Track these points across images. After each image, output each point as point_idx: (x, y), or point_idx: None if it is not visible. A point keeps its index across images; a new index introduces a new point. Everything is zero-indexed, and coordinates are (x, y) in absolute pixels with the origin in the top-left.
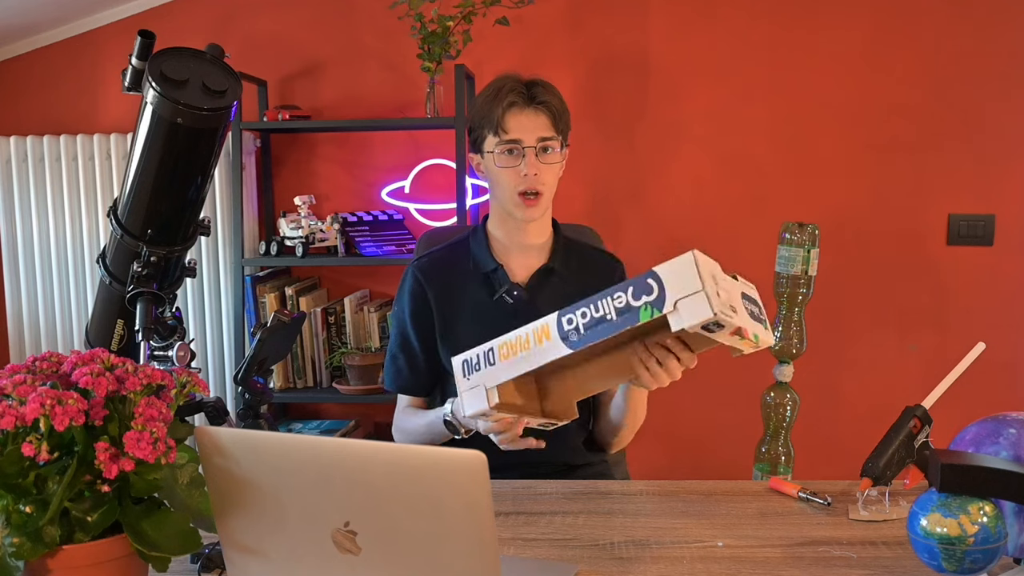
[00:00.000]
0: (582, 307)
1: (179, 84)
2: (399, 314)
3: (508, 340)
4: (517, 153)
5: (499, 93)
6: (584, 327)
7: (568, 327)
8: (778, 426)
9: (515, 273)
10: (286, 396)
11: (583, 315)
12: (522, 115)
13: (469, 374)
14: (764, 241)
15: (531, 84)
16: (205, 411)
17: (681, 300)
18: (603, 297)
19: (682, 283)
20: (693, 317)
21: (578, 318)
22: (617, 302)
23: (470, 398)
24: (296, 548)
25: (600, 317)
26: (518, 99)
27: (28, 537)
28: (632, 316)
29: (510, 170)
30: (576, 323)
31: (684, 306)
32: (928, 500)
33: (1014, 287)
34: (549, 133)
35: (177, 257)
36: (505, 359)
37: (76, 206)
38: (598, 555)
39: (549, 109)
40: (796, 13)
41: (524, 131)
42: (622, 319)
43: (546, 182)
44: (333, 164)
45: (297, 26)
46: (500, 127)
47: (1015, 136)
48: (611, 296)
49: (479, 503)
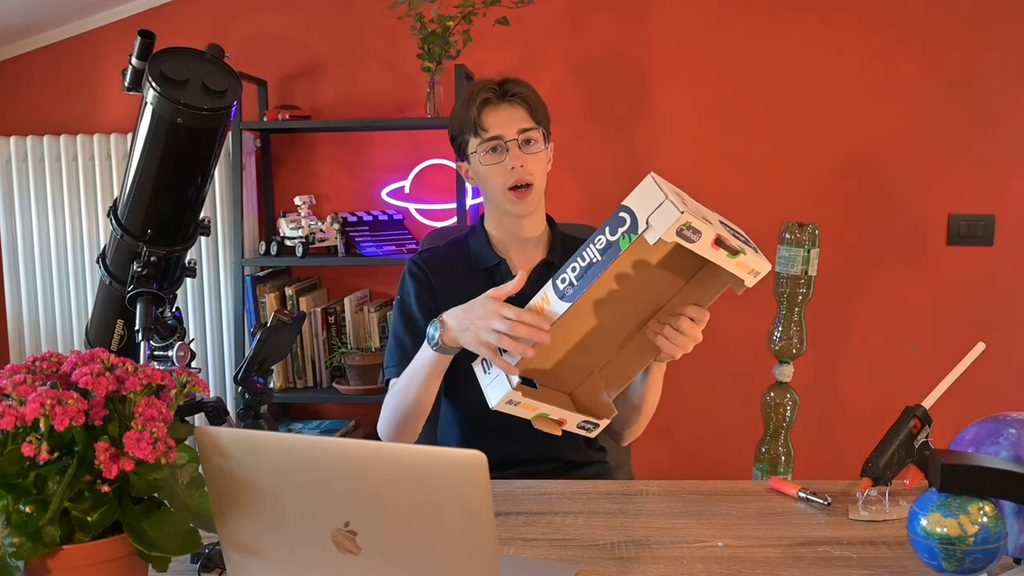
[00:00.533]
0: (571, 263)
1: (179, 84)
2: (403, 300)
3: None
4: (500, 149)
5: (471, 96)
6: (576, 279)
7: (563, 286)
8: (778, 426)
9: (516, 268)
10: (286, 396)
11: (573, 269)
12: (498, 110)
13: (488, 369)
14: (764, 241)
15: (502, 81)
16: (205, 411)
17: (651, 216)
18: (586, 246)
19: (648, 202)
20: (664, 224)
21: (569, 274)
22: (598, 244)
23: (493, 389)
24: (296, 548)
25: (587, 264)
26: (491, 95)
27: (28, 537)
28: (614, 250)
29: (497, 166)
30: (568, 279)
31: (654, 219)
32: (928, 500)
33: (1014, 287)
34: (528, 124)
35: (177, 257)
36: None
37: (76, 206)
38: (598, 555)
39: (524, 101)
40: (796, 13)
41: (502, 126)
42: (606, 256)
43: (534, 172)
44: (333, 164)
45: (297, 26)
46: (479, 126)
47: (1015, 136)
48: (592, 242)
49: (479, 503)
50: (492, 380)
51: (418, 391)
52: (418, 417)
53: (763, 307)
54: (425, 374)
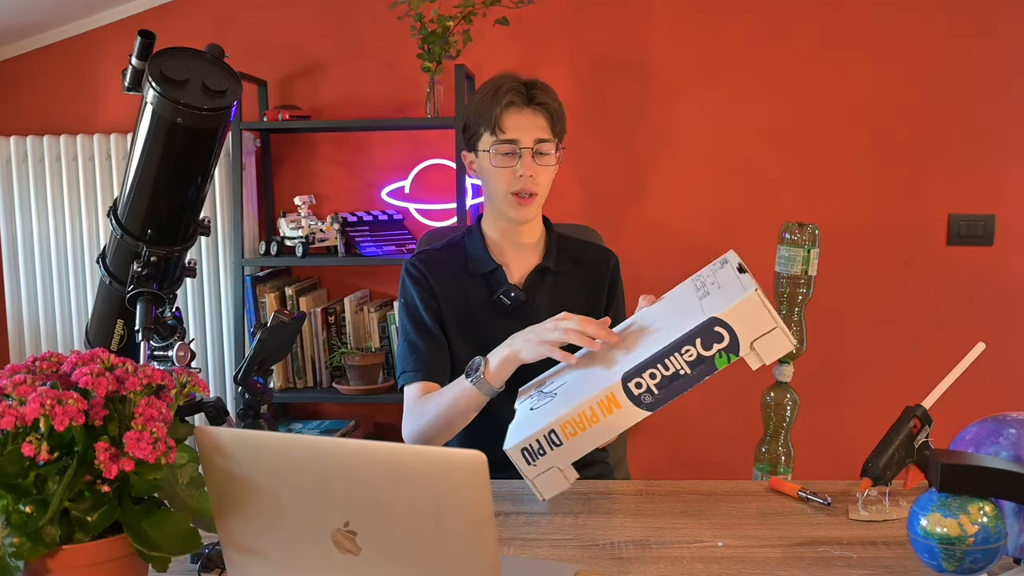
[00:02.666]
0: (648, 368)
1: (179, 84)
2: (408, 303)
3: (568, 418)
4: (513, 154)
5: (497, 92)
6: (658, 387)
7: (638, 391)
8: (778, 426)
9: (512, 273)
10: (286, 396)
11: (652, 376)
12: (521, 115)
13: (534, 460)
14: (764, 241)
15: (530, 85)
16: (205, 411)
17: (758, 341)
18: (669, 354)
19: (754, 324)
20: (773, 354)
21: (647, 380)
22: (687, 356)
23: (545, 482)
24: (296, 548)
25: (673, 374)
26: (517, 98)
27: (28, 537)
28: (708, 366)
29: (506, 170)
30: (646, 386)
31: (761, 346)
32: (928, 500)
33: (1014, 287)
34: (546, 135)
35: (177, 257)
36: (572, 437)
37: (76, 206)
38: (598, 555)
39: (548, 111)
40: (796, 13)
41: (522, 131)
42: (698, 371)
43: (540, 183)
44: (333, 164)
45: (297, 26)
46: (498, 126)
47: (1015, 136)
48: (678, 352)
49: (479, 503)
50: (542, 472)
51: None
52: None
53: None
54: (463, 409)
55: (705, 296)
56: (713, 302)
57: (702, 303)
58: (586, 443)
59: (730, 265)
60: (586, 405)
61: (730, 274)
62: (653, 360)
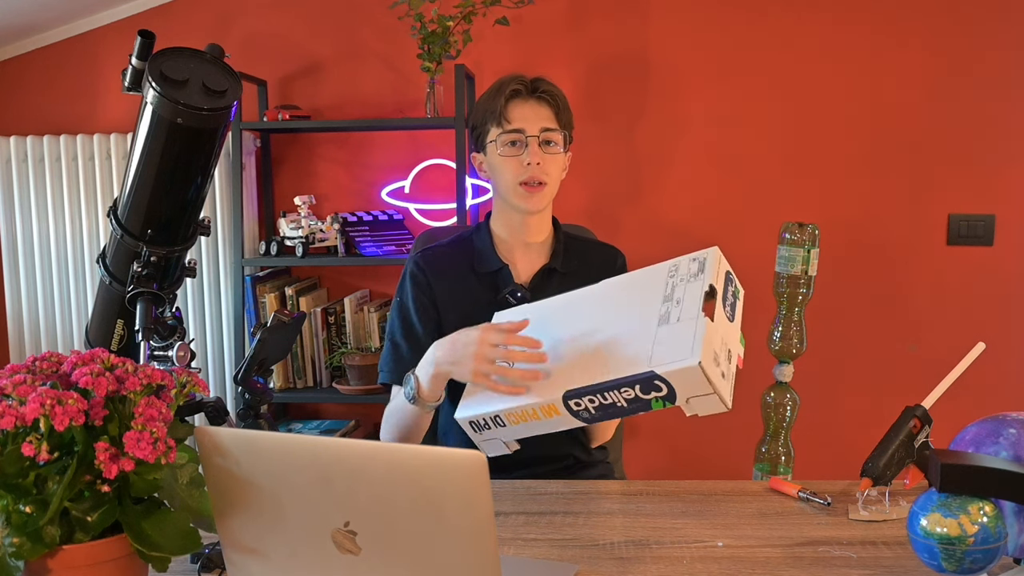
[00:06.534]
0: (588, 394)
1: (179, 84)
2: (402, 302)
3: (512, 409)
4: (520, 143)
5: (501, 87)
6: (596, 410)
7: (578, 408)
8: (778, 426)
9: (519, 273)
10: (286, 396)
11: (591, 400)
12: (525, 105)
13: (479, 431)
14: (764, 241)
15: (534, 79)
16: (205, 411)
17: (693, 398)
18: (609, 389)
19: (692, 386)
20: (709, 411)
21: (586, 403)
22: (626, 395)
23: (488, 447)
24: (296, 548)
25: (611, 404)
26: (521, 88)
27: (28, 537)
28: (644, 406)
29: (513, 159)
30: (585, 406)
31: (698, 404)
32: (928, 500)
33: (1014, 287)
34: (552, 124)
35: (177, 257)
36: (515, 424)
37: (76, 206)
38: (598, 555)
39: (552, 101)
40: (796, 13)
41: (526, 120)
42: (634, 407)
43: (549, 173)
44: (333, 164)
45: (297, 26)
46: (503, 117)
47: (1015, 136)
48: (618, 389)
49: (479, 503)
50: (487, 440)
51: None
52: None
53: (763, 307)
54: (413, 421)
55: (664, 317)
56: (663, 342)
57: (657, 331)
58: (528, 430)
59: (704, 277)
60: (529, 406)
61: (695, 295)
62: (593, 389)
